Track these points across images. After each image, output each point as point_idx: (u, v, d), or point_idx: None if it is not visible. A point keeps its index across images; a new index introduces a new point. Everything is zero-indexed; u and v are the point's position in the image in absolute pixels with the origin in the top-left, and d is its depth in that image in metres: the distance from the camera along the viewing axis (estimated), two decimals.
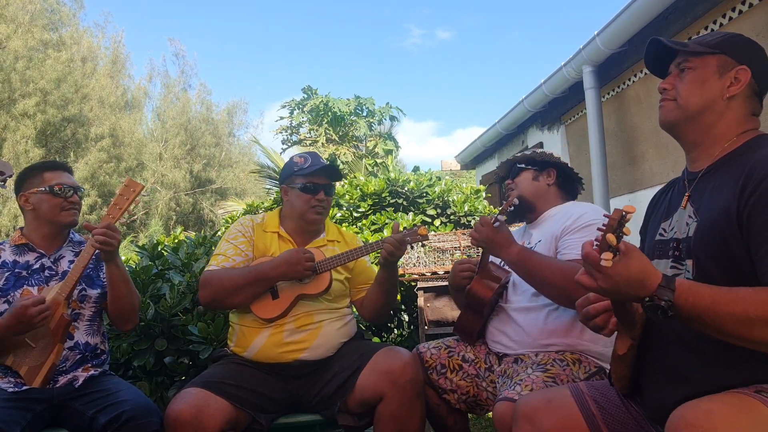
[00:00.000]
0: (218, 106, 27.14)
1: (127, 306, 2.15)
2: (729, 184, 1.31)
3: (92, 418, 1.93)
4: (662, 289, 1.15)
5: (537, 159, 2.23)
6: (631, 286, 1.16)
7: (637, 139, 4.93)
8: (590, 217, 1.99)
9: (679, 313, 1.17)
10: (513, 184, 2.25)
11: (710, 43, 1.42)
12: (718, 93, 1.40)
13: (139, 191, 2.07)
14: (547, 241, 2.06)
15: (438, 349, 2.15)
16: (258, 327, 2.14)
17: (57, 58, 18.71)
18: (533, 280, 1.94)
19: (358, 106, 12.81)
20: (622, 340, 1.37)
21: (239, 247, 2.23)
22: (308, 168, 2.25)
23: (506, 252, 1.96)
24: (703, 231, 1.32)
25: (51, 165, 2.20)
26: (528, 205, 2.20)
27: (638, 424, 1.45)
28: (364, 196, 5.15)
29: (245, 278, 2.09)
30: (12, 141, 17.68)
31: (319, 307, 2.18)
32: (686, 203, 1.42)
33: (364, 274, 2.34)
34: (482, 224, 1.99)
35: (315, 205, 2.24)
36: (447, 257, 3.99)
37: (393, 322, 4.33)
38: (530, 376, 1.80)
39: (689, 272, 1.34)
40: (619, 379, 1.45)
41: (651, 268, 1.17)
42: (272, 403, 2.08)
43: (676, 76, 1.46)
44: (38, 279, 2.11)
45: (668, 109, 1.46)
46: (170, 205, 22.61)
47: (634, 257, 1.15)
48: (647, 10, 4.09)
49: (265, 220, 2.33)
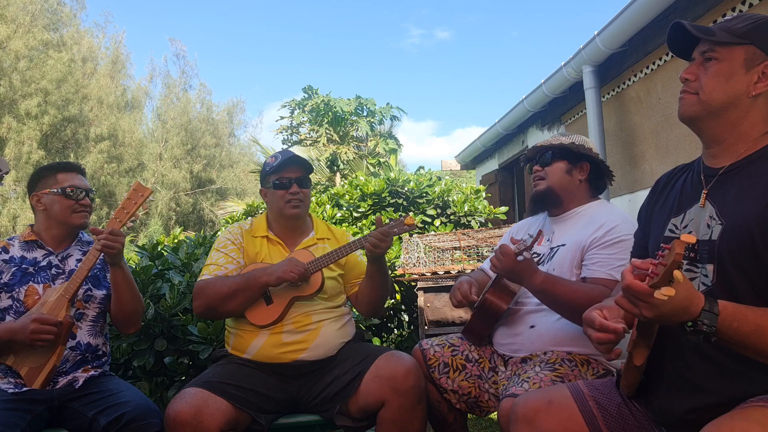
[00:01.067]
0: (218, 107, 27.17)
1: (131, 310, 2.15)
2: (759, 186, 1.25)
3: (93, 419, 1.93)
4: (706, 314, 1.11)
5: (573, 150, 2.08)
6: (675, 313, 1.11)
7: (637, 139, 4.93)
8: (622, 232, 1.89)
9: (722, 338, 1.13)
10: (543, 173, 2.11)
11: (739, 32, 1.31)
12: (744, 89, 1.31)
13: (148, 195, 2.09)
14: (571, 248, 1.98)
15: (441, 347, 2.12)
16: (254, 332, 2.14)
17: (59, 59, 18.72)
18: (558, 307, 1.88)
19: (359, 106, 12.78)
20: (639, 351, 1.32)
21: (230, 255, 2.23)
22: (277, 164, 2.25)
23: (529, 281, 1.87)
24: (730, 236, 1.25)
25: (65, 166, 2.21)
26: (556, 198, 2.08)
27: (640, 423, 1.44)
28: (364, 196, 5.16)
29: (238, 284, 2.10)
30: (15, 141, 17.69)
31: (316, 307, 2.18)
32: (704, 201, 1.34)
33: (356, 268, 2.33)
34: (503, 254, 1.87)
35: (290, 200, 2.22)
36: (447, 257, 3.99)
37: (393, 322, 4.33)
38: (538, 374, 1.79)
39: (707, 276, 1.29)
40: (629, 386, 1.43)
41: (694, 293, 1.12)
42: (272, 403, 2.08)
43: (699, 66, 1.35)
44: (44, 276, 2.11)
45: (689, 102, 1.36)
46: (170, 206, 22.62)
47: (683, 285, 1.09)
48: (647, 9, 4.09)
49: (253, 226, 2.33)
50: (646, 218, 1.56)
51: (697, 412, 1.24)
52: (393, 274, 3.97)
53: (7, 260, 2.10)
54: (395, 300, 4.14)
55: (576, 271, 1.95)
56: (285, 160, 2.26)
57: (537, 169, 2.13)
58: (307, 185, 2.28)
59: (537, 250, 2.08)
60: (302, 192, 2.25)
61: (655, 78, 4.55)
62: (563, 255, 1.99)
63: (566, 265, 1.97)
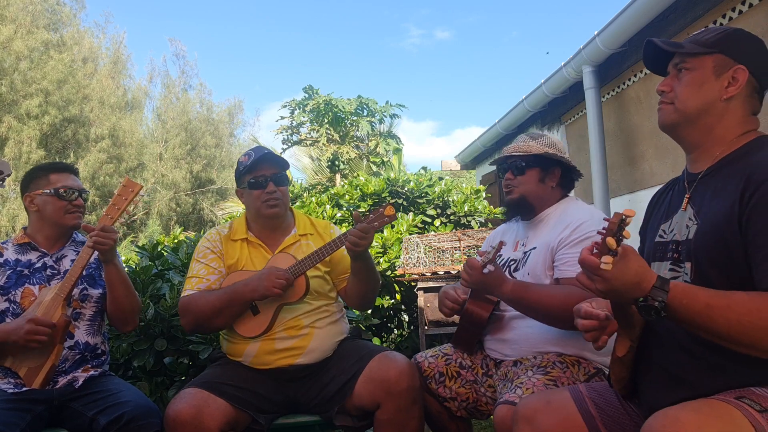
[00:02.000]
0: (218, 107, 27.16)
1: (126, 308, 2.15)
2: (730, 187, 1.30)
3: (92, 419, 1.93)
4: (656, 290, 1.17)
5: (545, 158, 2.08)
6: (627, 288, 1.17)
7: (637, 139, 4.93)
8: (588, 229, 1.92)
9: (673, 315, 1.18)
10: (515, 181, 2.11)
11: (707, 42, 1.40)
12: (717, 94, 1.38)
13: (138, 191, 2.07)
14: (541, 250, 1.99)
15: (435, 358, 2.14)
16: (246, 341, 2.11)
17: (60, 60, 18.73)
18: (532, 313, 1.90)
19: (359, 106, 12.77)
20: (621, 341, 1.37)
21: (210, 265, 2.17)
22: (250, 162, 2.15)
23: (500, 291, 1.90)
24: (703, 234, 1.31)
25: (58, 167, 2.20)
26: (529, 205, 2.10)
27: (636, 425, 1.44)
28: (365, 196, 5.16)
29: (222, 301, 2.05)
30: (15, 141, 17.70)
31: (305, 309, 2.12)
32: (686, 205, 1.41)
33: (342, 263, 2.23)
34: (471, 268, 1.91)
35: (266, 199, 2.13)
36: (447, 257, 3.99)
37: (393, 322, 4.34)
38: (531, 378, 1.80)
39: (687, 275, 1.34)
40: (618, 381, 1.45)
41: (646, 270, 1.18)
42: (271, 404, 2.08)
43: (674, 77, 1.44)
44: (40, 278, 2.11)
45: (667, 112, 1.44)
46: (170, 206, 22.61)
47: (631, 259, 1.16)
48: (647, 10, 4.09)
49: (231, 229, 2.26)
50: (644, 233, 1.61)
51: None
52: (393, 274, 3.98)
53: (2, 264, 2.10)
54: (395, 300, 4.14)
55: (549, 273, 1.96)
56: (258, 158, 2.16)
57: (509, 177, 2.12)
58: (284, 183, 2.18)
59: (513, 256, 2.12)
60: (279, 190, 2.15)
61: (655, 78, 4.54)
62: (535, 258, 2.00)
63: (539, 268, 1.98)
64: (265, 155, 2.19)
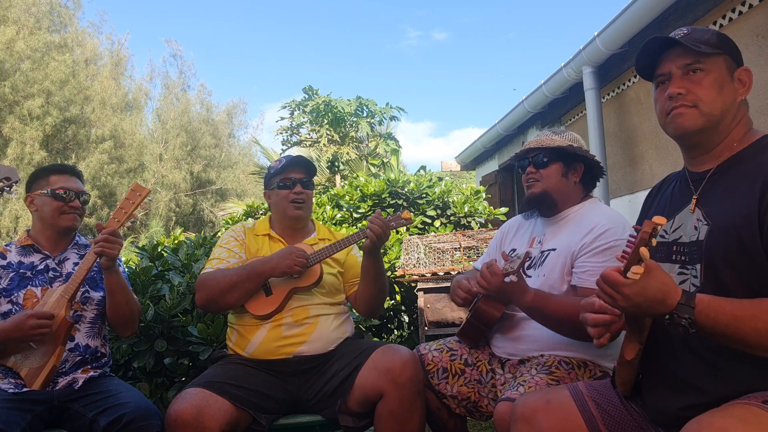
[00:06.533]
0: (218, 107, 27.17)
1: (126, 314, 2.16)
2: (743, 187, 1.28)
3: (93, 420, 1.93)
4: (682, 307, 1.14)
5: (569, 152, 2.01)
6: (651, 305, 1.15)
7: (637, 139, 4.93)
8: (612, 237, 1.85)
9: (701, 330, 1.15)
10: (537, 175, 2.03)
11: (714, 43, 1.35)
12: (734, 96, 1.35)
13: (146, 195, 2.10)
14: (561, 253, 1.94)
15: (440, 352, 2.11)
16: (255, 325, 2.16)
17: (62, 61, 18.74)
18: (550, 324, 1.86)
19: (359, 106, 12.77)
20: (630, 345, 1.35)
21: (232, 249, 2.28)
22: (282, 165, 2.32)
23: (519, 300, 1.86)
24: (717, 236, 1.28)
25: (59, 168, 2.22)
26: (551, 201, 2.03)
27: (638, 424, 1.44)
28: (365, 196, 5.16)
29: (239, 275, 2.13)
30: (18, 142, 17.69)
31: (314, 301, 2.20)
32: (694, 206, 1.37)
33: (355, 268, 2.35)
34: (492, 274, 1.84)
35: (293, 200, 2.27)
36: (447, 258, 3.99)
37: (393, 323, 4.33)
38: (534, 377, 1.79)
39: (697, 277, 1.31)
40: (623, 384, 1.44)
41: (671, 286, 1.16)
42: (272, 403, 2.08)
43: (684, 79, 1.36)
44: (42, 280, 2.12)
45: (691, 116, 1.35)
46: (170, 206, 22.61)
47: (656, 275, 1.13)
48: (647, 10, 4.09)
49: (256, 226, 2.39)
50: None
51: (690, 410, 1.25)
52: (393, 275, 3.98)
53: (5, 266, 2.11)
54: (395, 301, 4.14)
55: (567, 278, 1.92)
56: (290, 161, 2.33)
57: (531, 171, 2.05)
58: (310, 187, 2.33)
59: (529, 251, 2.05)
60: (305, 193, 2.30)
61: None
62: (554, 260, 1.96)
63: (557, 272, 1.94)
64: (296, 158, 2.36)
